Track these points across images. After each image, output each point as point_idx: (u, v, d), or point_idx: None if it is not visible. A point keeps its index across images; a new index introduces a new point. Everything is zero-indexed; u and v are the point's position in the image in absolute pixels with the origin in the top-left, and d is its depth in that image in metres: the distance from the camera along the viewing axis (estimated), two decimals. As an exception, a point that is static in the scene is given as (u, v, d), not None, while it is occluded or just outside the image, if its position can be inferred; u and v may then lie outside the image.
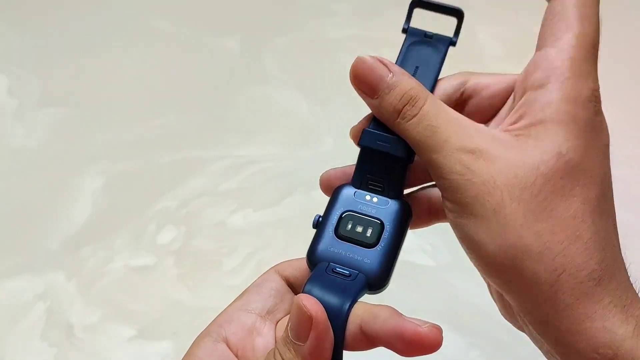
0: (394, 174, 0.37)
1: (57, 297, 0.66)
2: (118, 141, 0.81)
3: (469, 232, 0.31)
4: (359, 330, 0.32)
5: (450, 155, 0.32)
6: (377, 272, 0.35)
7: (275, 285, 0.36)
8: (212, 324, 0.35)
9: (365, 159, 0.37)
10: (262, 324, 0.35)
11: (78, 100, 0.87)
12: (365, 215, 0.36)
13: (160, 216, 0.73)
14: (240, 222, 0.72)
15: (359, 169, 0.37)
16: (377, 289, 0.35)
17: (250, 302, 0.36)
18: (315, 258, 0.36)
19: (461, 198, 0.31)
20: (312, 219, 0.36)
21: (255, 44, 0.94)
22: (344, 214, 0.36)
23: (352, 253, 0.35)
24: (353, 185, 0.37)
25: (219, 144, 0.80)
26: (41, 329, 0.64)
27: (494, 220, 0.31)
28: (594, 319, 0.30)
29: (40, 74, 0.90)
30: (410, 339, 0.31)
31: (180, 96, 0.87)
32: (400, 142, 0.36)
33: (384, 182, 0.37)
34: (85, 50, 0.94)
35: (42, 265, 0.69)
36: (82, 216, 0.73)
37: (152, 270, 0.69)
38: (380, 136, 0.36)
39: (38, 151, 0.80)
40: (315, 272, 0.34)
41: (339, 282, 0.34)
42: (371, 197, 0.37)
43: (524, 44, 1.03)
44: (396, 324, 0.32)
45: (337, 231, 0.36)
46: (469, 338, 0.62)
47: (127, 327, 0.64)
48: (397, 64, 0.36)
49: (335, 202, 0.37)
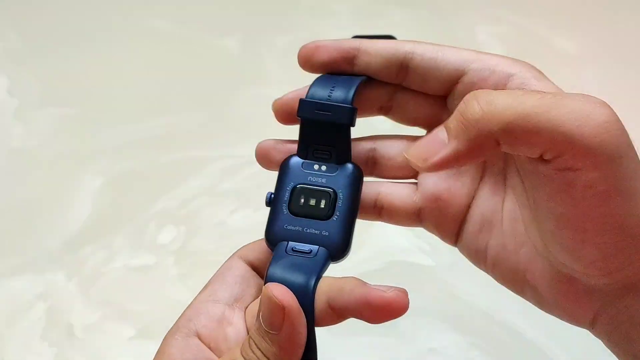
0: (339, 140, 0.36)
1: (57, 297, 0.66)
2: (118, 141, 0.81)
3: (622, 201, 0.29)
4: (326, 306, 0.33)
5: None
6: (337, 244, 0.35)
7: (239, 272, 0.36)
8: (180, 319, 0.35)
9: (308, 130, 0.37)
10: (231, 313, 0.35)
11: (78, 100, 0.87)
12: (316, 186, 0.36)
13: (160, 216, 0.73)
14: (241, 222, 0.72)
15: (303, 140, 0.37)
16: (339, 259, 0.35)
17: (216, 292, 0.35)
18: (273, 238, 0.35)
19: (612, 154, 0.28)
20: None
21: (256, 43, 0.94)
22: (295, 188, 0.36)
23: (309, 228, 0.35)
24: (299, 156, 0.37)
25: (219, 144, 0.80)
26: (41, 328, 0.64)
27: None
28: None
29: (41, 73, 0.90)
30: (377, 306, 0.32)
31: (180, 96, 0.87)
32: (340, 108, 0.35)
33: (330, 150, 0.36)
34: (85, 49, 0.94)
35: (42, 265, 0.69)
36: (82, 216, 0.73)
37: (152, 270, 0.69)
38: (319, 104, 0.36)
39: (38, 151, 0.80)
40: (276, 254, 0.34)
41: (300, 261, 0.34)
42: (319, 166, 0.36)
43: (525, 44, 1.03)
44: (362, 293, 0.32)
45: (291, 207, 0.36)
46: (469, 338, 0.62)
47: (128, 327, 0.64)
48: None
49: (284, 176, 0.36)
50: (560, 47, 0.92)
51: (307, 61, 0.37)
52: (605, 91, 0.32)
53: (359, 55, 0.37)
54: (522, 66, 0.34)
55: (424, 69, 0.36)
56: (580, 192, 0.29)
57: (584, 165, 0.29)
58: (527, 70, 0.34)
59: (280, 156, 0.38)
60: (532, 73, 0.34)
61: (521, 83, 0.33)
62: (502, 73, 0.34)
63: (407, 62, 0.36)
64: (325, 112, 0.36)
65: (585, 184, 0.29)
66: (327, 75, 0.38)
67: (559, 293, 0.33)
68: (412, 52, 0.36)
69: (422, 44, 0.36)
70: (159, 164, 0.79)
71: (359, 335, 0.61)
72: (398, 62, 0.36)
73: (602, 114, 0.28)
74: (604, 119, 0.28)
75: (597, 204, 0.29)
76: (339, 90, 0.36)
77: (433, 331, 0.62)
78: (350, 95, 0.36)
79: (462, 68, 0.35)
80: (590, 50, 0.92)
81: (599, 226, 0.30)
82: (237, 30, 0.96)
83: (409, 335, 0.62)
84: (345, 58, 0.37)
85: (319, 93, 0.36)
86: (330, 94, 0.36)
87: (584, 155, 0.28)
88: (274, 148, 0.38)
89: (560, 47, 0.92)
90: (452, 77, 0.35)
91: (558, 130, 0.28)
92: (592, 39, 0.94)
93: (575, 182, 0.29)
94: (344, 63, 0.37)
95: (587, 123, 0.28)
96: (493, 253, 0.36)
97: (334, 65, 0.37)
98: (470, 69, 0.35)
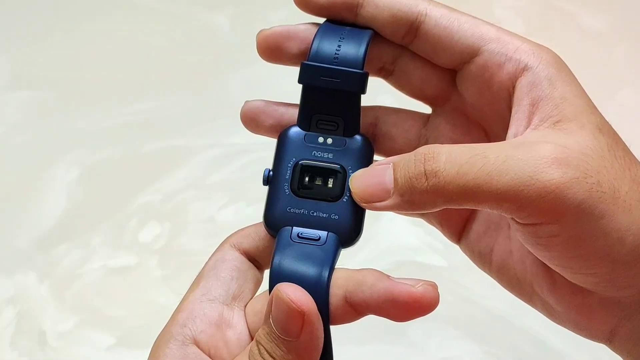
0: (348, 109, 0.35)
1: (28, 301, 0.66)
2: (95, 128, 0.81)
3: (595, 242, 0.31)
4: (343, 302, 0.32)
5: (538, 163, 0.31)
6: (349, 229, 0.34)
7: (234, 264, 0.35)
8: (173, 324, 0.34)
9: (312, 98, 0.35)
10: (230, 313, 0.34)
11: (51, 83, 0.87)
12: (322, 162, 0.35)
13: (142, 211, 0.73)
14: (232, 217, 0.72)
15: (305, 109, 0.35)
16: (350, 244, 0.34)
17: (211, 290, 0.34)
18: (274, 223, 0.34)
19: (566, 208, 0.30)
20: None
21: (248, 19, 0.94)
22: (297, 164, 0.35)
23: (316, 211, 0.34)
24: (300, 126, 0.36)
25: (207, 131, 0.80)
26: (10, 336, 0.64)
27: (619, 205, 0.31)
28: None
29: (10, 54, 0.90)
30: (404, 303, 0.31)
31: (164, 78, 0.87)
32: (351, 74, 0.34)
33: (337, 120, 0.35)
34: (59, 28, 0.93)
35: (11, 266, 0.69)
36: (55, 211, 0.73)
37: (133, 272, 0.69)
38: (325, 70, 0.35)
39: (6, 139, 0.80)
40: (280, 241, 0.34)
41: (309, 250, 0.33)
42: (325, 139, 0.35)
43: (549, 21, 1.03)
44: (386, 288, 0.32)
45: (293, 187, 0.34)
46: (485, 347, 0.62)
47: (106, 335, 0.64)
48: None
49: (284, 151, 0.35)
50: (588, 24, 0.92)
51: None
52: (636, 71, 0.32)
53: (364, 5, 0.35)
54: (542, 57, 0.34)
55: (435, 37, 0.35)
56: (547, 241, 0.31)
57: (540, 221, 0.30)
58: (546, 66, 0.34)
59: (271, 121, 0.37)
60: (549, 71, 0.33)
61: (531, 82, 0.33)
62: (517, 63, 0.34)
63: (418, 25, 0.35)
64: (333, 79, 0.35)
65: (549, 234, 0.31)
66: (330, 26, 0.36)
67: (571, 306, 0.34)
68: (426, 15, 0.35)
69: (439, 7, 0.35)
70: (141, 153, 0.78)
71: (365, 343, 0.61)
72: (408, 22, 0.35)
73: (548, 172, 0.30)
74: (549, 177, 0.30)
75: (571, 248, 0.31)
76: (346, 47, 0.35)
77: (445, 339, 0.62)
78: (361, 56, 0.35)
79: (477, 46, 0.35)
80: (620, 27, 0.92)
81: (583, 263, 0.31)
82: (227, 4, 0.96)
83: (419, 344, 0.62)
84: (349, 5, 0.35)
85: (324, 50, 0.35)
86: (337, 53, 0.35)
87: (535, 214, 0.30)
88: (264, 112, 0.37)
89: (588, 24, 0.92)
90: (464, 53, 0.35)
91: (502, 198, 0.30)
92: (622, 15, 0.93)
93: (539, 234, 0.31)
94: (345, 10, 0.36)
95: (531, 186, 0.30)
96: (498, 259, 0.37)
97: (333, 10, 0.36)
98: (485, 50, 0.34)
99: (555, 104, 0.32)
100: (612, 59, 0.87)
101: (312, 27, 0.36)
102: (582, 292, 0.33)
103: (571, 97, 0.33)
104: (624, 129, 0.35)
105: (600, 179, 0.30)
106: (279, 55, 0.36)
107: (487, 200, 0.30)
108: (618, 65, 0.86)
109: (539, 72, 0.33)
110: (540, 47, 0.34)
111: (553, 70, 0.34)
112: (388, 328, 0.62)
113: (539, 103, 0.33)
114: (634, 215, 0.31)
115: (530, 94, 0.33)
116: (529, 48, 0.34)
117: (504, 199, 0.30)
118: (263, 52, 0.37)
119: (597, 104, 0.34)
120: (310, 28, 0.36)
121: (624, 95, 0.82)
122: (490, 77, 0.34)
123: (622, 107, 0.80)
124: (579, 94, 0.33)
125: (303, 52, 0.36)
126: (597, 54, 0.87)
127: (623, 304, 0.33)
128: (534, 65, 0.33)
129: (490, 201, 0.30)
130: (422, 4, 0.35)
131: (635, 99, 0.81)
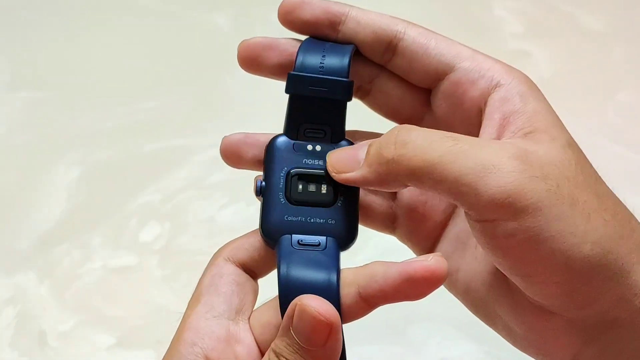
0: (335, 117, 0.36)
1: (28, 302, 0.66)
2: (95, 128, 0.81)
3: (552, 244, 0.31)
4: (357, 298, 0.33)
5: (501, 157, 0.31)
6: (346, 232, 0.35)
7: (232, 278, 0.35)
8: (180, 343, 0.34)
9: (299, 107, 0.36)
10: (236, 328, 0.34)
11: (51, 83, 0.87)
12: (314, 169, 0.36)
13: (142, 211, 0.73)
14: (232, 217, 0.72)
15: (292, 118, 0.36)
16: (347, 246, 0.35)
17: (214, 307, 0.35)
18: (273, 232, 0.35)
19: (523, 203, 0.30)
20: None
21: (248, 19, 0.94)
22: (290, 173, 0.36)
23: (313, 217, 0.35)
24: (288, 136, 0.36)
25: (207, 131, 0.80)
26: (10, 336, 0.64)
27: (577, 211, 0.31)
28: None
29: (9, 53, 0.90)
30: (422, 278, 0.32)
31: (164, 78, 0.87)
32: (337, 83, 0.35)
33: (324, 128, 0.36)
34: (59, 28, 0.93)
35: (11, 266, 0.68)
36: (55, 211, 0.73)
37: (133, 272, 0.69)
38: (313, 80, 0.35)
39: (7, 139, 0.80)
40: (283, 250, 0.34)
41: (313, 255, 0.34)
42: (313, 147, 0.36)
43: (547, 21, 1.03)
44: (400, 270, 0.32)
45: (288, 196, 0.35)
46: (485, 347, 0.62)
47: (106, 335, 0.64)
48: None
49: (274, 160, 0.36)
50: (588, 24, 0.92)
51: (287, 15, 0.37)
52: (635, 71, 0.32)
53: (346, 21, 0.37)
54: (514, 77, 0.35)
55: (413, 54, 0.36)
56: (504, 242, 0.31)
57: (497, 216, 0.30)
58: (518, 83, 0.35)
59: (254, 151, 0.37)
60: (521, 88, 0.34)
61: (503, 98, 0.34)
62: (490, 80, 0.35)
63: (397, 42, 0.36)
64: (321, 88, 0.35)
65: (505, 234, 0.31)
66: (313, 40, 0.37)
67: (532, 329, 0.34)
68: (404, 33, 0.36)
69: (416, 27, 0.37)
70: (141, 153, 0.78)
71: (365, 344, 0.61)
72: (387, 39, 0.36)
73: (510, 165, 0.30)
74: (510, 169, 0.30)
75: (526, 251, 0.31)
76: (331, 58, 0.36)
77: (445, 339, 0.62)
78: (346, 65, 0.36)
79: (452, 63, 0.36)
80: (619, 28, 0.92)
81: (540, 269, 0.31)
82: (227, 4, 0.96)
83: (418, 344, 0.62)
84: (331, 22, 0.37)
85: (310, 62, 0.36)
86: (322, 63, 0.36)
87: (493, 207, 0.30)
88: (245, 143, 0.38)
89: (588, 24, 0.92)
90: (439, 70, 0.36)
91: (462, 182, 0.31)
92: (621, 16, 0.93)
93: (495, 233, 0.31)
94: (327, 27, 0.37)
95: (492, 174, 0.30)
96: (464, 280, 0.37)
97: (316, 26, 0.37)
98: (460, 67, 0.35)
99: (527, 117, 0.33)
100: (612, 59, 0.87)
101: (293, 41, 0.38)
102: (544, 314, 0.33)
103: (543, 111, 0.34)
104: (624, 129, 0.36)
105: (560, 183, 0.31)
106: (258, 65, 0.37)
107: (447, 180, 0.31)
108: (617, 66, 0.86)
109: (511, 89, 0.34)
110: (512, 68, 0.36)
111: (525, 88, 0.35)
112: (388, 328, 0.62)
113: (510, 117, 0.34)
114: (592, 224, 0.31)
115: (502, 108, 0.34)
116: (501, 67, 0.35)
117: (464, 182, 0.31)
118: (243, 61, 0.38)
119: (597, 104, 0.34)
120: (291, 42, 0.38)
121: (624, 95, 0.82)
122: (463, 93, 0.35)
123: (622, 107, 0.80)
124: (550, 110, 0.34)
125: (282, 64, 0.37)
126: (597, 54, 0.87)
127: (584, 328, 0.33)
128: (506, 82, 0.35)
129: (451, 181, 0.31)
130: (401, 23, 0.36)
131: (635, 99, 0.81)
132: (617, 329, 0.32)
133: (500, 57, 0.36)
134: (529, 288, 0.32)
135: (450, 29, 0.41)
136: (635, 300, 0.32)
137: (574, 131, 0.34)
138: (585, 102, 0.80)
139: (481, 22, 0.87)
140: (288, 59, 0.37)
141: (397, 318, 0.62)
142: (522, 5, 0.95)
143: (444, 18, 0.88)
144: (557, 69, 0.83)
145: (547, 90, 0.36)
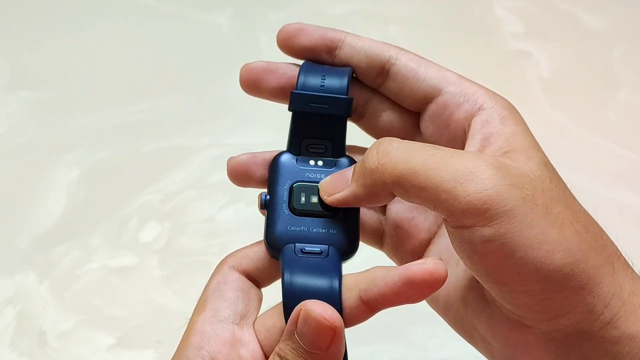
0: (336, 132, 0.38)
1: (28, 301, 0.66)
2: (95, 128, 0.81)
3: (526, 251, 0.32)
4: (359, 302, 0.34)
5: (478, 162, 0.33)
6: (347, 242, 0.36)
7: (237, 285, 0.37)
8: (187, 348, 0.35)
9: (301, 124, 0.38)
10: (240, 332, 0.35)
11: (51, 83, 0.87)
12: (316, 183, 0.37)
13: (142, 211, 0.73)
14: (231, 217, 0.72)
15: (295, 135, 0.38)
16: (349, 257, 0.36)
17: (219, 311, 0.36)
18: (277, 242, 0.36)
19: (499, 210, 0.32)
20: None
21: (248, 19, 0.94)
22: (293, 186, 0.37)
23: (315, 227, 0.36)
24: (291, 152, 0.38)
25: (207, 131, 0.80)
26: (10, 336, 0.64)
27: (550, 221, 0.32)
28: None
29: (10, 54, 0.90)
30: (422, 280, 0.33)
31: (164, 78, 0.87)
32: (337, 100, 0.37)
33: (325, 143, 0.38)
34: (59, 28, 0.93)
35: (11, 266, 0.69)
36: (55, 211, 0.73)
37: (133, 272, 0.69)
38: (314, 97, 0.37)
39: (7, 139, 0.80)
40: (286, 257, 0.35)
41: (316, 262, 0.35)
42: (315, 161, 0.38)
43: (548, 21, 1.03)
44: (400, 274, 0.33)
45: (291, 207, 0.37)
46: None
47: (106, 335, 0.64)
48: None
49: (279, 175, 0.38)
50: (588, 24, 0.92)
51: (286, 42, 0.40)
52: (635, 71, 0.32)
53: (342, 47, 0.39)
54: (496, 102, 0.37)
55: (403, 78, 0.38)
56: (481, 248, 0.32)
57: (474, 222, 0.32)
58: (500, 108, 0.37)
59: (261, 171, 0.39)
60: (502, 112, 0.36)
61: (485, 120, 0.36)
62: (474, 103, 0.37)
63: (389, 67, 0.39)
64: (321, 105, 0.37)
65: (482, 240, 0.32)
66: (311, 64, 0.39)
67: (508, 343, 0.35)
68: (396, 58, 0.39)
69: (408, 53, 0.39)
70: (141, 153, 0.78)
71: (365, 344, 0.61)
72: (380, 64, 0.39)
73: (488, 172, 0.32)
74: (488, 176, 0.32)
75: (502, 258, 0.32)
76: (330, 79, 0.38)
77: (445, 339, 0.62)
78: (345, 84, 0.38)
79: (439, 87, 0.38)
80: (619, 28, 0.92)
81: (515, 277, 0.32)
82: (227, 4, 0.96)
83: (419, 345, 0.62)
84: (328, 47, 0.39)
85: (311, 82, 0.38)
86: (322, 83, 0.38)
87: (470, 213, 0.32)
88: (255, 163, 0.39)
89: (588, 24, 0.92)
90: (427, 93, 0.38)
91: (442, 188, 0.32)
92: (622, 16, 0.93)
93: (472, 240, 0.32)
94: (324, 52, 0.39)
95: (470, 180, 0.32)
96: (445, 295, 0.38)
97: (313, 52, 0.39)
98: (447, 91, 0.38)
99: (505, 138, 0.35)
100: (612, 59, 0.87)
101: (292, 65, 0.40)
102: (519, 327, 0.34)
103: (521, 133, 0.36)
104: (624, 129, 0.36)
105: (535, 194, 0.32)
106: (259, 88, 0.40)
107: (429, 187, 0.32)
108: (618, 66, 0.86)
109: (493, 112, 0.36)
110: (494, 93, 0.38)
111: (505, 112, 0.37)
112: (388, 328, 0.62)
113: (491, 138, 0.35)
114: (564, 233, 0.32)
115: (483, 129, 0.36)
116: (485, 92, 0.37)
117: (444, 189, 0.32)
118: (244, 83, 0.40)
119: (597, 104, 0.35)
120: (290, 66, 0.40)
121: (624, 95, 0.82)
122: (449, 115, 0.38)
123: (622, 107, 0.80)
124: (528, 133, 0.36)
125: (281, 87, 0.39)
126: (597, 54, 0.87)
127: (556, 341, 0.34)
128: (488, 106, 0.37)
129: (431, 188, 0.32)
130: (393, 49, 0.39)
131: (635, 99, 0.81)
132: (589, 341, 0.33)
133: (500, 57, 0.37)
134: (504, 297, 0.33)
135: (450, 29, 0.41)
136: (605, 312, 0.32)
137: (574, 131, 0.34)
138: (585, 102, 0.80)
139: (481, 22, 0.87)
140: (287, 83, 0.39)
141: (398, 318, 0.62)
142: (523, 5, 0.95)
143: (444, 18, 0.88)
144: (557, 69, 0.83)
145: (547, 90, 0.36)
